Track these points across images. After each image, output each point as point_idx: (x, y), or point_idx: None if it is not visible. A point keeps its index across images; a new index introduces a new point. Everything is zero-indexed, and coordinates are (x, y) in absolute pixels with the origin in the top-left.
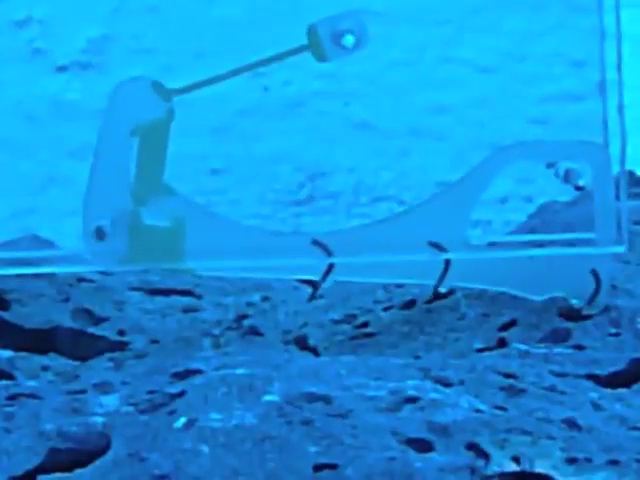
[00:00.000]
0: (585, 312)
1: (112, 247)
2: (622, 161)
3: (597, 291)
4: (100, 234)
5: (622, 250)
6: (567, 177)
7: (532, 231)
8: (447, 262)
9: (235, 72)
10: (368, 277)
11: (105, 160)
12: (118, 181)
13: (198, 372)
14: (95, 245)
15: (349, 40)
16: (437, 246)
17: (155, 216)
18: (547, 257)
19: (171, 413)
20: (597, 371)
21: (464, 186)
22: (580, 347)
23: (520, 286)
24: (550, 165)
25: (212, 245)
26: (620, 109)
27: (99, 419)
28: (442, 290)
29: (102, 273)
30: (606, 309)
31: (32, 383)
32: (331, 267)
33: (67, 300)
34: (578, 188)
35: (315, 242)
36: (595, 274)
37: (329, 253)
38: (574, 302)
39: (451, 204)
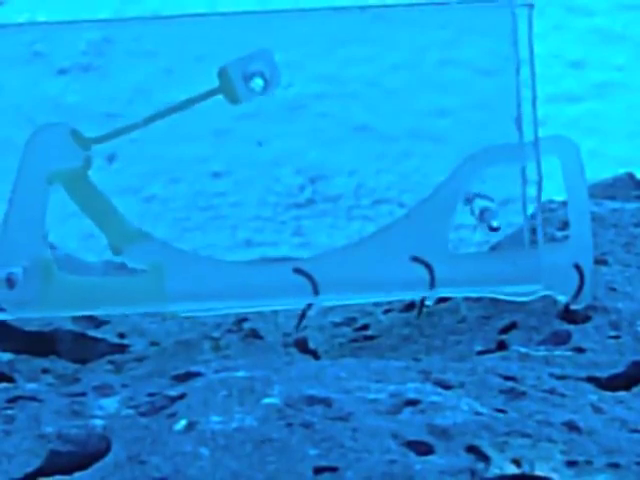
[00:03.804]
0: (572, 307)
1: (24, 295)
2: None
3: (581, 285)
4: (10, 282)
5: (538, 287)
6: (482, 217)
7: (532, 231)
8: (431, 277)
9: (150, 120)
10: (354, 299)
11: (19, 207)
12: (32, 229)
13: (198, 375)
14: (6, 293)
15: (258, 83)
16: (420, 260)
17: (135, 262)
18: (529, 257)
19: (171, 416)
20: (597, 374)
21: (441, 195)
22: (580, 350)
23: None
24: (467, 202)
25: (192, 285)
26: (536, 143)
27: (99, 422)
28: (428, 303)
29: None
30: (606, 312)
31: (32, 386)
32: (315, 294)
33: None
34: (492, 229)
35: (297, 270)
36: (578, 268)
37: (312, 281)
38: (560, 298)
39: (430, 216)
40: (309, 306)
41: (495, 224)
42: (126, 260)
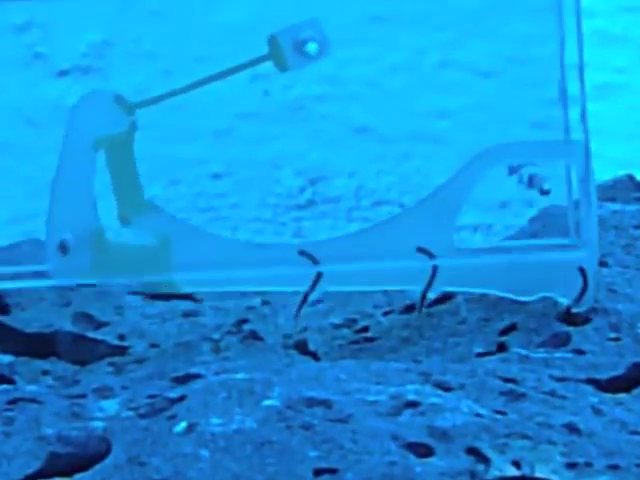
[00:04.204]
0: (574, 310)
1: (75, 262)
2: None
3: (585, 288)
4: (63, 248)
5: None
6: (531, 182)
7: (534, 235)
8: (434, 268)
9: (195, 85)
10: (356, 286)
11: (67, 174)
12: (81, 195)
13: (198, 377)
14: (59, 260)
15: (312, 48)
16: (425, 251)
17: (142, 233)
18: (534, 255)
19: (171, 418)
20: (597, 376)
21: (449, 191)
22: (580, 351)
23: (508, 287)
24: (513, 171)
25: (198, 260)
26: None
27: (99, 424)
28: (430, 296)
29: None
30: (606, 313)
31: (32, 387)
32: (319, 277)
33: (67, 304)
34: (543, 192)
35: (301, 252)
36: (582, 271)
37: (316, 263)
38: (562, 300)
39: (437, 209)
40: (311, 290)
41: (546, 187)
42: (134, 231)
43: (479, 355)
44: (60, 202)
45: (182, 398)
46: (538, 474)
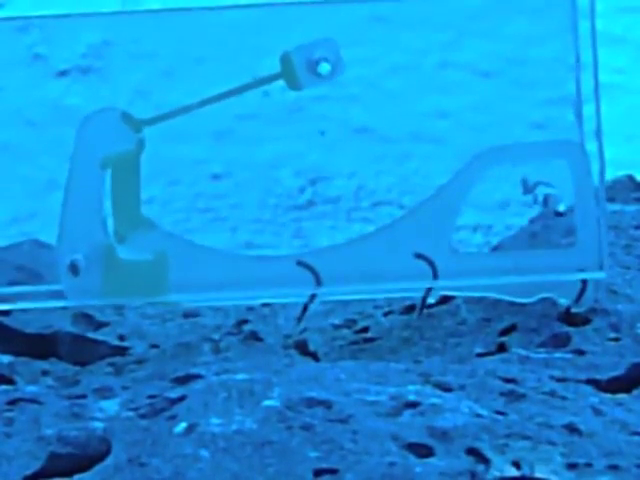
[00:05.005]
0: (574, 310)
1: (87, 282)
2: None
3: (584, 289)
4: (74, 269)
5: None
6: (546, 203)
7: (533, 236)
8: (434, 274)
9: (206, 102)
10: (356, 294)
11: (76, 194)
12: (90, 215)
13: (198, 377)
14: (70, 280)
15: (325, 68)
16: (423, 257)
17: (136, 251)
18: (533, 259)
19: (171, 418)
20: (597, 376)
21: (446, 194)
22: (580, 352)
23: (508, 289)
24: (527, 190)
25: (195, 276)
26: (598, 134)
27: (99, 424)
28: (431, 301)
29: None
30: (606, 314)
31: (32, 388)
32: (315, 296)
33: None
34: (558, 214)
35: (300, 263)
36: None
37: (315, 274)
38: (562, 301)
39: (435, 213)
40: (311, 299)
41: (561, 209)
42: (128, 248)
43: (479, 355)
44: (69, 222)
45: (182, 398)
46: (538, 474)
